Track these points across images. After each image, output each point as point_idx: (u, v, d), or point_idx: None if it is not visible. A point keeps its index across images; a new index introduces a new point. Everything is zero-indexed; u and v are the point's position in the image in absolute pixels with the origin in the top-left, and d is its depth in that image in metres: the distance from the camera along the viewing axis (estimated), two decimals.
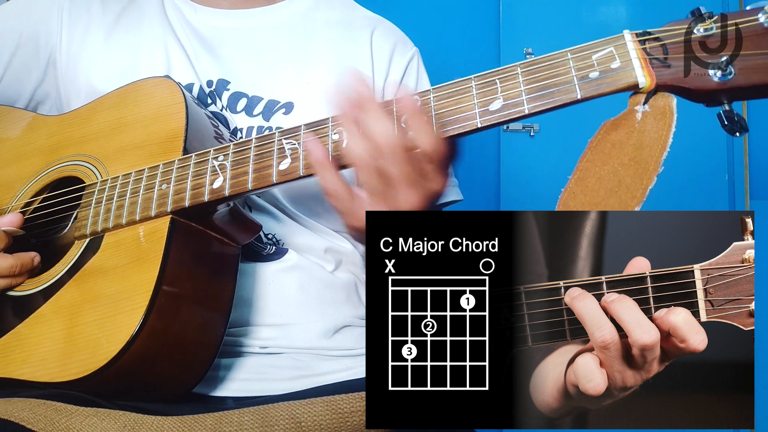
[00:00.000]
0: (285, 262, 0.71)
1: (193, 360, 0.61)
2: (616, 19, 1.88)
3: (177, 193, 0.59)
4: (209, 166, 0.58)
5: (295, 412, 0.52)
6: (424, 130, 0.49)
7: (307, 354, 0.70)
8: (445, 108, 0.50)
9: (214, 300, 0.62)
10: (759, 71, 0.41)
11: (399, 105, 0.50)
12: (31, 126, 0.75)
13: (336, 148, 0.53)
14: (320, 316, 0.72)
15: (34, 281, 0.63)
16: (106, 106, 0.70)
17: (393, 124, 0.49)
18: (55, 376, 0.55)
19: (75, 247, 0.62)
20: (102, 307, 0.56)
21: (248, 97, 0.75)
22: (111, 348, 0.53)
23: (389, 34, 0.83)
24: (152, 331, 0.54)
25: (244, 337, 0.69)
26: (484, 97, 0.49)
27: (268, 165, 0.56)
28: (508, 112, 0.48)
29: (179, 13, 0.80)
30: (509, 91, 0.49)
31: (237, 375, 0.67)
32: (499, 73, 0.49)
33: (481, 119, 0.49)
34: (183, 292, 0.58)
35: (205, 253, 0.62)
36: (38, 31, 0.79)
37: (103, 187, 0.63)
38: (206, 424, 0.51)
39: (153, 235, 0.58)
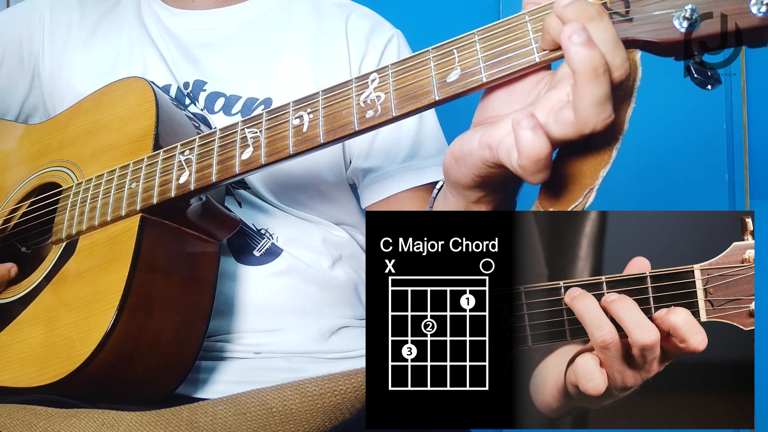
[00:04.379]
0: (279, 265, 0.71)
1: (172, 360, 0.60)
2: None
3: (146, 191, 0.58)
4: (176, 161, 0.58)
5: (265, 399, 0.52)
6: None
7: (302, 357, 0.70)
8: (403, 84, 0.48)
9: (192, 298, 0.62)
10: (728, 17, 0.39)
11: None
12: (14, 135, 0.76)
13: (297, 132, 0.51)
14: (316, 319, 0.72)
15: (14, 289, 0.63)
16: (82, 110, 0.71)
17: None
18: (33, 380, 0.55)
19: (52, 252, 0.62)
20: (77, 310, 0.56)
21: (226, 96, 0.75)
22: (85, 349, 0.53)
23: (365, 17, 0.82)
24: (126, 330, 0.54)
25: (238, 344, 0.68)
26: (441, 69, 0.47)
27: (231, 156, 0.54)
28: (465, 82, 0.46)
29: (156, 18, 0.80)
30: (466, 60, 0.46)
31: (229, 378, 0.67)
32: (456, 43, 0.47)
33: (439, 92, 0.46)
34: (157, 290, 0.58)
35: (180, 250, 0.61)
36: (21, 44, 0.80)
37: (77, 191, 0.63)
38: (182, 416, 0.51)
39: (124, 234, 0.58)
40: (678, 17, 0.40)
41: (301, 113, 0.52)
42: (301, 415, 0.51)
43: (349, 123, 0.49)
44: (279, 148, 0.52)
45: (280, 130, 0.52)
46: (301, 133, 0.51)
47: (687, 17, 0.39)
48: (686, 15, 0.39)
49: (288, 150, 0.52)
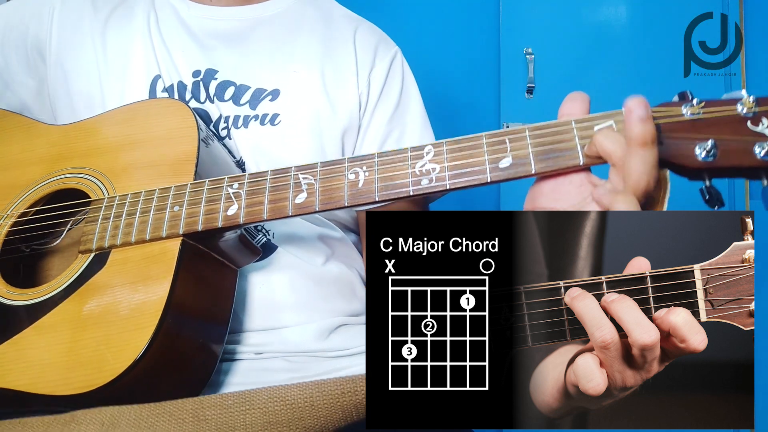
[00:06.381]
0: (274, 263, 0.72)
1: (190, 379, 0.61)
2: (616, 19, 1.88)
3: (190, 216, 0.59)
4: (224, 192, 0.59)
5: (285, 394, 0.52)
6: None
7: (303, 356, 0.70)
8: (457, 160, 0.52)
9: (214, 320, 0.63)
10: (737, 155, 0.46)
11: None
12: (31, 133, 0.74)
13: (352, 186, 0.55)
14: (314, 316, 0.72)
15: (31, 292, 0.62)
16: (113, 121, 0.71)
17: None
18: (57, 389, 0.54)
19: (79, 260, 0.62)
20: (107, 323, 0.56)
21: (236, 85, 0.77)
22: (117, 365, 0.53)
23: (372, 32, 0.86)
24: (158, 350, 0.55)
25: (238, 344, 0.69)
26: (494, 154, 0.52)
27: (284, 197, 0.57)
28: (516, 170, 0.51)
29: (172, 10, 0.81)
30: (518, 150, 0.51)
31: (231, 380, 0.67)
32: (508, 133, 0.52)
33: (491, 174, 0.51)
34: (188, 312, 0.59)
35: (209, 275, 0.63)
36: (28, 29, 0.80)
37: (110, 204, 0.63)
38: (186, 408, 0.51)
39: (163, 255, 0.58)
40: (700, 147, 0.47)
41: (357, 169, 0.55)
42: (321, 411, 0.51)
43: (404, 186, 0.53)
44: (334, 198, 0.56)
45: (336, 182, 0.56)
46: (357, 187, 0.55)
47: (707, 149, 0.47)
48: (706, 147, 0.47)
49: (343, 201, 0.55)
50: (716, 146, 0.47)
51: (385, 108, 0.81)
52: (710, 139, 0.47)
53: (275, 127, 0.75)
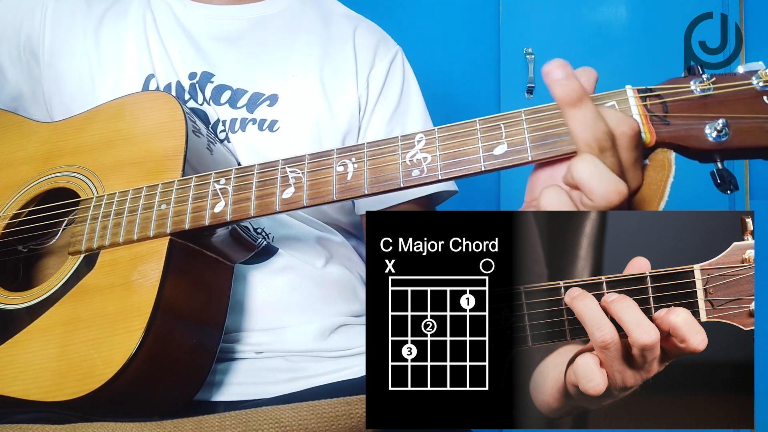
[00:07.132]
0: (275, 264, 0.71)
1: (185, 380, 0.60)
2: (616, 19, 1.88)
3: (177, 215, 0.58)
4: (210, 189, 0.58)
5: (279, 416, 0.52)
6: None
7: (302, 356, 0.70)
8: (449, 149, 0.50)
9: (208, 320, 0.62)
10: (752, 134, 0.43)
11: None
12: (22, 131, 0.74)
13: (341, 180, 0.53)
14: (315, 317, 0.72)
15: (23, 295, 0.62)
16: (102, 117, 0.70)
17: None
18: (49, 395, 0.54)
19: (69, 262, 0.61)
20: (97, 326, 0.56)
21: (232, 89, 0.76)
22: (107, 370, 0.53)
23: (372, 31, 0.85)
24: (148, 353, 0.54)
25: (238, 343, 0.68)
26: (488, 141, 0.49)
27: (271, 193, 0.55)
28: (512, 158, 0.49)
29: (168, 9, 0.80)
30: (513, 137, 0.49)
31: (232, 379, 0.67)
32: (503, 118, 0.50)
33: (485, 163, 0.49)
34: (178, 314, 0.58)
35: (201, 273, 0.61)
36: (21, 27, 0.80)
37: (99, 203, 0.63)
38: (186, 428, 0.51)
39: (151, 255, 0.58)
40: (710, 127, 0.44)
41: (346, 161, 0.53)
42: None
43: (395, 178, 0.51)
44: (322, 193, 0.54)
45: (324, 175, 0.54)
46: (345, 180, 0.53)
47: (718, 129, 0.43)
48: (717, 127, 0.43)
49: (331, 196, 0.53)
50: (728, 125, 0.43)
51: (385, 108, 0.81)
52: (721, 119, 0.43)
53: (274, 133, 0.74)
